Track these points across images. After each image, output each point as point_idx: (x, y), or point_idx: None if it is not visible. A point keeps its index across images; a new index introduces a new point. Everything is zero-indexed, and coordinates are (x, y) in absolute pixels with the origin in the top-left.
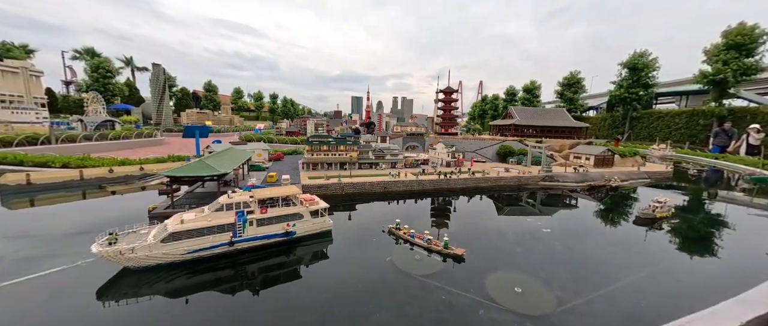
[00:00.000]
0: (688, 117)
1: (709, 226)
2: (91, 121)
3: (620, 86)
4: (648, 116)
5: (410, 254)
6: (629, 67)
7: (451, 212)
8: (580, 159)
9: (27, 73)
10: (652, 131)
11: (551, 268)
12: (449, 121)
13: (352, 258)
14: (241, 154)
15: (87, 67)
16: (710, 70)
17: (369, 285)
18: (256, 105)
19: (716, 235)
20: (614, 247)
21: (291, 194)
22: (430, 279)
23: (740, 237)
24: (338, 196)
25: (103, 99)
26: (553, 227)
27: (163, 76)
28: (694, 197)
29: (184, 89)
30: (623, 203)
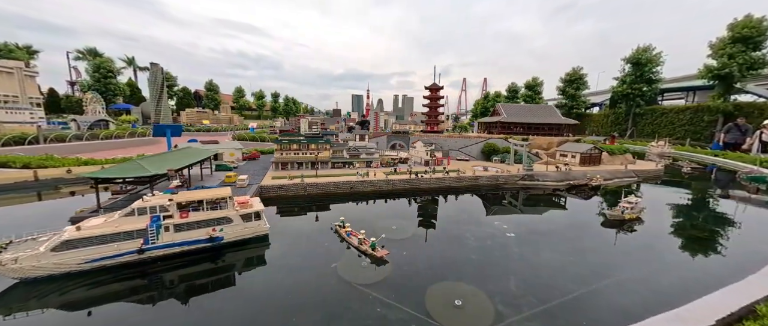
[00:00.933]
0: (693, 113)
1: (680, 229)
2: (84, 120)
3: (623, 81)
4: (651, 112)
5: (357, 261)
6: (632, 63)
7: (417, 214)
8: (566, 157)
9: (22, 74)
10: (656, 128)
11: (501, 278)
12: (435, 119)
13: (293, 264)
14: (195, 153)
15: (88, 67)
16: (715, 64)
17: (301, 295)
18: (258, 104)
19: (686, 238)
20: (576, 253)
21: (219, 197)
22: (369, 289)
23: (711, 241)
24: (300, 197)
25: (102, 99)
26: (519, 231)
27: (161, 75)
28: (678, 196)
29: (186, 89)
30: (601, 203)
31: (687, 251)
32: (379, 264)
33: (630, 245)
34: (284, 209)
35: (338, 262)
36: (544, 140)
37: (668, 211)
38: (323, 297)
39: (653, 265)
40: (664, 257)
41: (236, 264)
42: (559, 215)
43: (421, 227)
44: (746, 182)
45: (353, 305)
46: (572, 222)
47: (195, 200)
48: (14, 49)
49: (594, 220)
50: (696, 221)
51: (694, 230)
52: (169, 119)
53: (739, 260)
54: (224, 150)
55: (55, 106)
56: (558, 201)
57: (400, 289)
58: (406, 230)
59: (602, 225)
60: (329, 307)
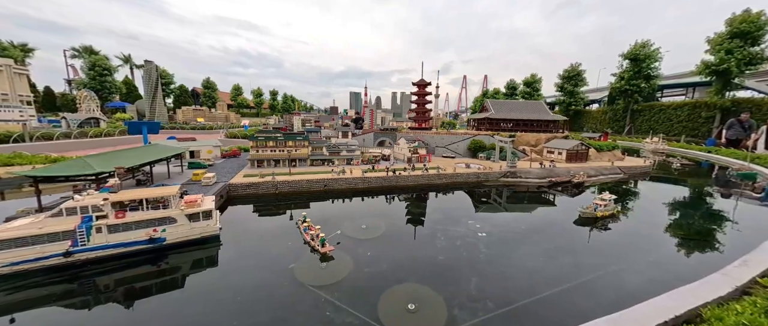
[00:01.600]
0: (691, 109)
1: (654, 226)
2: (75, 118)
3: (621, 78)
4: (649, 108)
5: (317, 261)
6: (630, 59)
7: (391, 212)
8: (553, 154)
9: (11, 71)
10: (653, 125)
11: (463, 280)
12: (423, 115)
13: (248, 265)
14: (157, 151)
15: (84, 65)
16: (713, 60)
17: (249, 298)
18: (257, 102)
19: (659, 236)
20: (546, 253)
21: (161, 196)
22: (323, 291)
23: (686, 239)
24: (271, 195)
25: (96, 97)
26: (493, 230)
27: (156, 73)
28: (661, 193)
29: (183, 86)
30: (581, 201)
31: (658, 249)
32: (324, 260)
33: (601, 244)
34: (253, 209)
35: (297, 263)
36: (532, 137)
37: (646, 208)
38: (273, 299)
39: (621, 264)
40: (633, 256)
41: (182, 266)
42: (537, 213)
43: (392, 226)
44: (736, 179)
45: (302, 308)
46: (549, 220)
47: (134, 199)
48: (8, 47)
49: (571, 218)
50: (673, 219)
51: (669, 228)
52: (165, 117)
53: (708, 259)
54: (201, 148)
55: (51, 104)
56: (539, 199)
57: (356, 291)
58: (376, 230)
59: (575, 223)
60: (276, 310)
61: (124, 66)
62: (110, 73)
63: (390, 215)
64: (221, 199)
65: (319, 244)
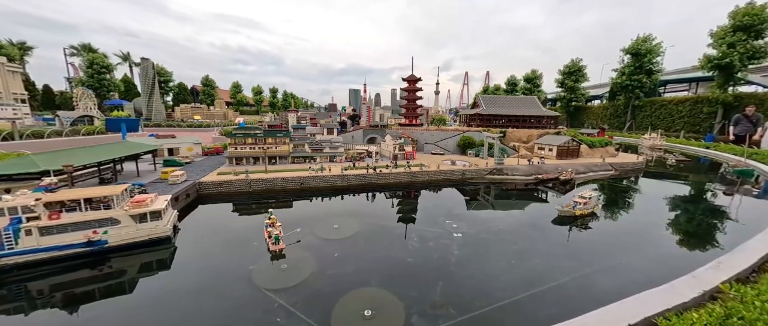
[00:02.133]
0: (692, 105)
1: (635, 225)
2: (68, 116)
3: (622, 73)
4: (650, 104)
5: (278, 263)
6: (632, 53)
7: (368, 211)
8: (544, 150)
9: (4, 69)
10: (655, 120)
11: (429, 285)
12: (413, 111)
13: (202, 268)
14: (123, 148)
15: (82, 63)
16: (716, 54)
17: (198, 303)
18: (256, 99)
19: (638, 236)
20: (520, 255)
21: (103, 195)
22: (279, 295)
23: (665, 239)
24: (243, 194)
25: (93, 95)
26: (469, 230)
27: (153, 70)
28: (650, 190)
29: (182, 84)
30: (570, 198)
31: (635, 249)
32: (276, 258)
33: (578, 244)
34: (224, 208)
35: (257, 264)
36: (523, 133)
37: (631, 206)
38: (221, 304)
39: (594, 266)
40: (608, 258)
41: (129, 269)
42: (519, 211)
43: (366, 226)
44: (732, 175)
45: (252, 314)
46: (529, 219)
47: (72, 199)
48: (6, 45)
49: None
50: (657, 217)
51: (652, 227)
52: (163, 115)
53: (685, 260)
54: (180, 145)
55: (50, 102)
56: (526, 196)
57: (314, 295)
58: (348, 229)
59: (553, 223)
60: (222, 316)
61: (123, 64)
62: (108, 71)
63: (366, 215)
64: (187, 198)
65: (274, 241)
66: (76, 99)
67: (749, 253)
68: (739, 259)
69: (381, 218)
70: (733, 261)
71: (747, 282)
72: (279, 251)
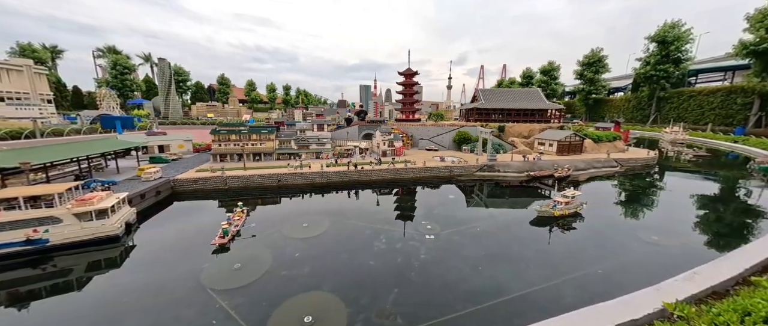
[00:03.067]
0: (725, 95)
1: (622, 227)
2: (87, 115)
3: (646, 62)
4: (678, 95)
5: (231, 262)
6: (658, 41)
7: (343, 209)
8: (544, 146)
9: (31, 71)
10: (682, 113)
11: (384, 291)
12: (410, 106)
13: (154, 267)
14: (98, 145)
15: (107, 64)
16: (752, 39)
17: (134, 304)
18: (270, 97)
19: (623, 238)
20: (490, 260)
21: (46, 193)
22: (223, 296)
23: (652, 245)
24: (220, 191)
25: (115, 94)
26: (443, 232)
27: (169, 70)
28: (656, 188)
29: (199, 83)
30: None
31: (615, 256)
32: (219, 252)
33: (555, 248)
34: (197, 205)
35: (211, 263)
36: (524, 128)
37: (626, 205)
38: (161, 303)
39: (566, 274)
40: (583, 265)
41: (74, 268)
42: (503, 211)
43: (336, 224)
44: (758, 172)
45: (187, 315)
46: (510, 220)
47: (9, 197)
48: (38, 49)
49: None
50: (651, 218)
51: (639, 230)
52: (179, 113)
53: (663, 270)
54: (171, 142)
55: (79, 102)
56: (515, 195)
57: (259, 297)
58: (317, 228)
59: (531, 224)
60: (154, 317)
61: (145, 64)
62: (130, 71)
63: (340, 213)
64: (157, 195)
65: (222, 235)
66: (99, 99)
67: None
68: (722, 269)
69: (354, 217)
70: (714, 271)
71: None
72: (221, 245)
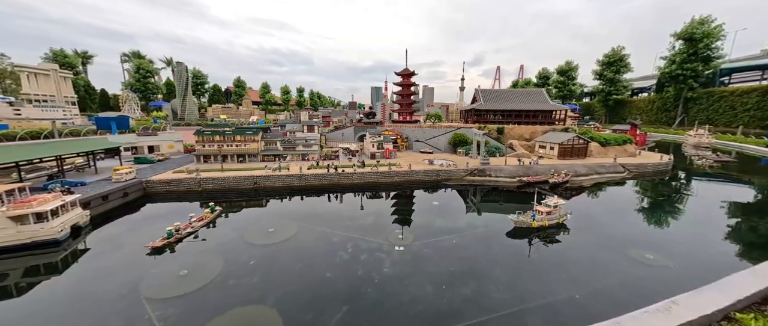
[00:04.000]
0: (761, 96)
1: (609, 241)
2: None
3: (672, 61)
4: (707, 96)
5: (179, 268)
6: (685, 39)
7: (317, 214)
8: (545, 149)
9: (57, 75)
10: (712, 114)
11: (330, 309)
12: (407, 107)
13: (91, 272)
14: (73, 145)
15: (131, 68)
16: None
17: (63, 311)
18: (284, 99)
19: (608, 255)
20: (458, 277)
21: None
22: (153, 306)
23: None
24: (194, 193)
25: (137, 97)
26: (413, 244)
27: (186, 73)
28: (664, 196)
29: (216, 86)
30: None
31: (599, 278)
32: (155, 254)
33: (530, 266)
34: (167, 207)
35: (158, 269)
36: (526, 130)
37: (620, 216)
38: (91, 311)
39: (533, 300)
40: (556, 288)
41: (11, 273)
42: (486, 219)
43: (303, 231)
44: None
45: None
46: (490, 231)
47: None
48: (69, 55)
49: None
50: (646, 233)
51: (633, 247)
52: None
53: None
54: (161, 143)
55: (106, 105)
56: (507, 201)
57: (194, 309)
58: (281, 234)
59: (507, 236)
60: None
61: (167, 68)
62: (152, 75)
63: (311, 218)
64: (125, 197)
65: (166, 236)
66: (121, 101)
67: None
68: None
69: (325, 223)
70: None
71: None
72: (155, 248)
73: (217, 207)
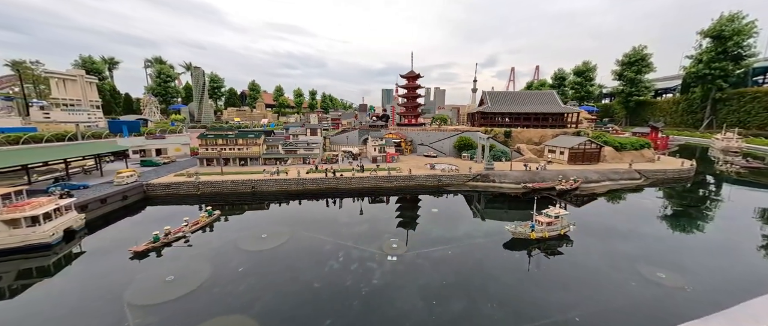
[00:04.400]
0: None
1: (613, 257)
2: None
3: (699, 60)
4: (739, 96)
5: (166, 274)
6: (713, 37)
7: (312, 219)
8: (554, 153)
9: (83, 81)
10: (744, 116)
11: (310, 322)
12: (413, 110)
13: (80, 276)
14: (75, 149)
15: (152, 73)
16: None
17: (46, 314)
18: (297, 101)
19: (611, 270)
20: (441, 293)
21: None
22: (135, 313)
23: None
24: (192, 197)
25: (157, 101)
26: (407, 254)
27: (203, 78)
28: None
29: (232, 89)
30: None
31: (602, 298)
32: (137, 258)
33: (528, 281)
34: (169, 210)
35: (145, 272)
36: (535, 133)
37: (629, 229)
38: (70, 316)
39: (533, 321)
40: (558, 307)
41: (3, 276)
42: (486, 228)
43: (296, 238)
44: None
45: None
46: (489, 241)
47: None
48: (97, 61)
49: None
50: (661, 249)
51: (643, 264)
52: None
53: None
54: (169, 145)
55: (129, 108)
56: (511, 209)
57: (174, 318)
58: (274, 240)
59: (504, 247)
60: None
61: (186, 73)
62: (172, 79)
63: (307, 224)
64: (124, 200)
65: (153, 240)
66: (142, 105)
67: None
68: None
69: (320, 229)
70: None
71: None
72: (136, 252)
73: (215, 211)
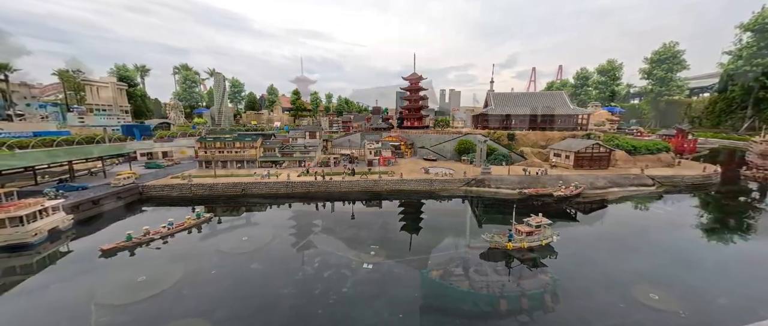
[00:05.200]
0: None
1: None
2: (150, 123)
3: (738, 56)
4: None
5: (138, 274)
6: (754, 30)
7: (297, 224)
8: (560, 157)
9: (115, 87)
10: None
11: None
12: (416, 112)
13: (59, 274)
14: (78, 151)
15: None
16: None
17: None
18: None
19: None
20: (408, 307)
21: None
22: (101, 313)
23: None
24: (185, 199)
25: (181, 105)
26: (385, 262)
27: (223, 82)
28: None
29: (252, 94)
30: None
31: (584, 316)
32: (105, 256)
33: (508, 296)
34: (164, 212)
35: (118, 272)
36: (541, 136)
37: (626, 242)
38: (38, 314)
39: None
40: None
41: None
42: (474, 236)
43: (276, 242)
44: None
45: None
46: (471, 251)
47: None
48: (129, 69)
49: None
50: (660, 266)
51: (635, 283)
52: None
53: None
54: (174, 148)
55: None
56: (501, 216)
57: (137, 320)
58: (253, 243)
59: (481, 257)
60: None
61: (210, 78)
62: (196, 84)
63: (290, 227)
64: (118, 200)
65: (126, 240)
66: (168, 109)
67: None
68: None
69: (302, 233)
70: None
71: None
72: (104, 250)
73: (205, 213)
